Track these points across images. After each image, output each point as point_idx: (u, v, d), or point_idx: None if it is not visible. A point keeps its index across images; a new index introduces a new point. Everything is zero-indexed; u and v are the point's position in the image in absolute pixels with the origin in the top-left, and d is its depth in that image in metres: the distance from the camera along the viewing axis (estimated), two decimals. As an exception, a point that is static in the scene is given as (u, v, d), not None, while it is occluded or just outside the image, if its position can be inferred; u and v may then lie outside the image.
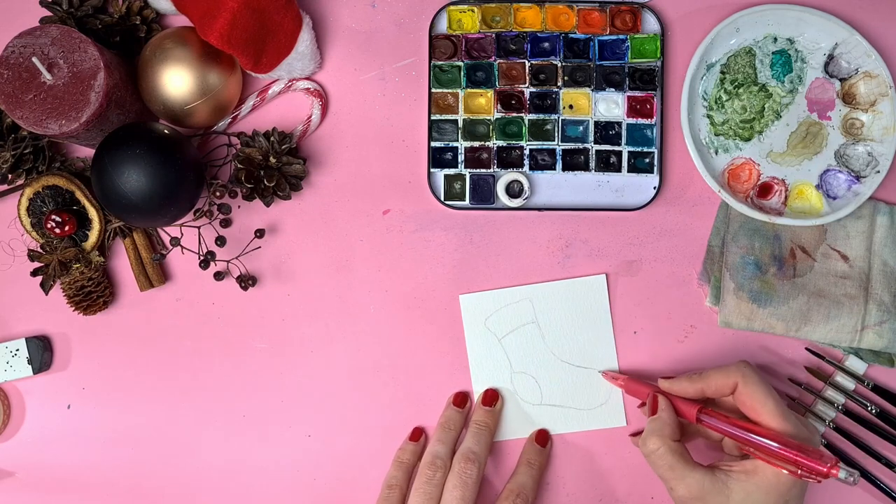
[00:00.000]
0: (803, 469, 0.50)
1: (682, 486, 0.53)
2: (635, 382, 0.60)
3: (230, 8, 0.54)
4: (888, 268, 0.62)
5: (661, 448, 0.54)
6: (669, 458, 0.54)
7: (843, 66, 0.62)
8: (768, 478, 0.52)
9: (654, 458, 0.55)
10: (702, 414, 0.55)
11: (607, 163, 0.63)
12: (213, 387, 0.63)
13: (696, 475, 0.53)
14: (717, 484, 0.53)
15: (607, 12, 0.63)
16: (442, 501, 0.57)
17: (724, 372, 0.56)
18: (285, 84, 0.63)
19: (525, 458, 0.61)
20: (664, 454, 0.54)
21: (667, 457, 0.54)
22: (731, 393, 0.56)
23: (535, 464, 0.61)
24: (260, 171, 0.60)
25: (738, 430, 0.53)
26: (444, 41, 0.63)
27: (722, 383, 0.56)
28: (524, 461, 0.61)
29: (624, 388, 0.61)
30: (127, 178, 0.54)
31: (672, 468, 0.54)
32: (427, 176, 0.63)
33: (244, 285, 0.62)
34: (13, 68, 0.55)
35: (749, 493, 0.52)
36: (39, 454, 0.64)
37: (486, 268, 0.63)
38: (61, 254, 0.60)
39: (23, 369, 0.62)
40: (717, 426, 0.54)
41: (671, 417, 0.56)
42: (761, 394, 0.54)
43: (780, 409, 0.53)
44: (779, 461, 0.51)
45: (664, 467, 0.54)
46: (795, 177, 0.63)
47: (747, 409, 0.54)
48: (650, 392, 0.59)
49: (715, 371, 0.56)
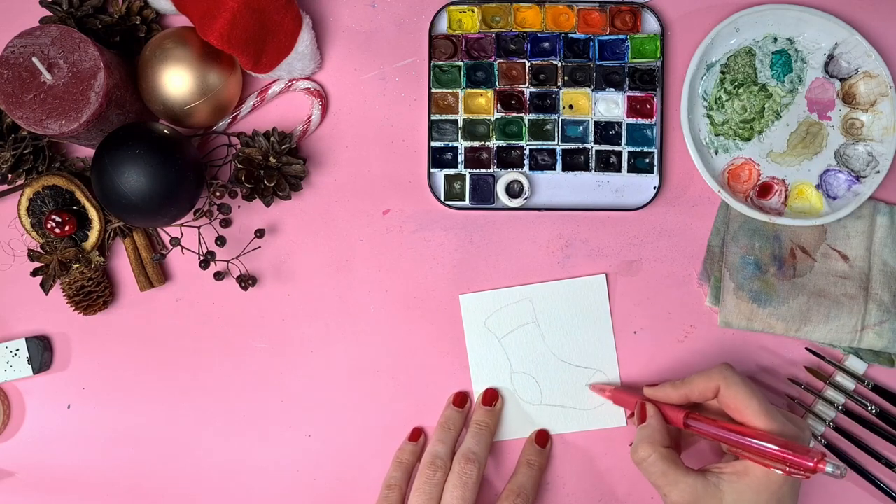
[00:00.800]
0: (791, 465, 0.50)
1: (676, 492, 0.53)
2: (622, 393, 0.61)
3: (230, 8, 0.54)
4: (888, 268, 0.62)
5: (652, 455, 0.55)
6: (661, 465, 0.54)
7: (843, 66, 0.62)
8: (758, 477, 0.52)
9: (646, 466, 0.55)
10: (688, 419, 0.55)
11: (607, 163, 0.63)
12: (213, 387, 0.63)
13: (688, 480, 0.53)
14: (710, 487, 0.53)
15: (607, 12, 0.63)
16: (442, 502, 0.57)
17: (706, 376, 0.56)
18: (285, 84, 0.63)
19: (525, 459, 0.61)
20: (655, 461, 0.54)
21: (658, 464, 0.54)
22: (715, 396, 0.56)
23: (535, 464, 0.61)
24: (260, 171, 0.60)
25: (724, 431, 0.53)
26: (444, 41, 0.63)
27: (704, 387, 0.56)
28: (524, 461, 0.61)
29: (611, 399, 0.61)
30: (127, 178, 0.54)
31: (665, 474, 0.54)
32: (427, 176, 0.63)
33: (244, 285, 0.62)
34: (13, 68, 0.55)
35: (741, 494, 0.52)
36: (39, 454, 0.64)
37: (486, 268, 0.63)
38: (61, 254, 0.60)
39: (23, 369, 0.62)
40: (704, 430, 0.54)
41: (660, 424, 0.56)
42: (744, 395, 0.54)
43: (763, 408, 0.53)
44: (766, 460, 0.51)
45: (656, 474, 0.54)
46: (795, 177, 0.63)
47: (732, 411, 0.54)
48: (637, 401, 0.59)
49: (697, 376, 0.56)
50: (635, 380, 0.63)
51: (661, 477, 0.54)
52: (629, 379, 0.63)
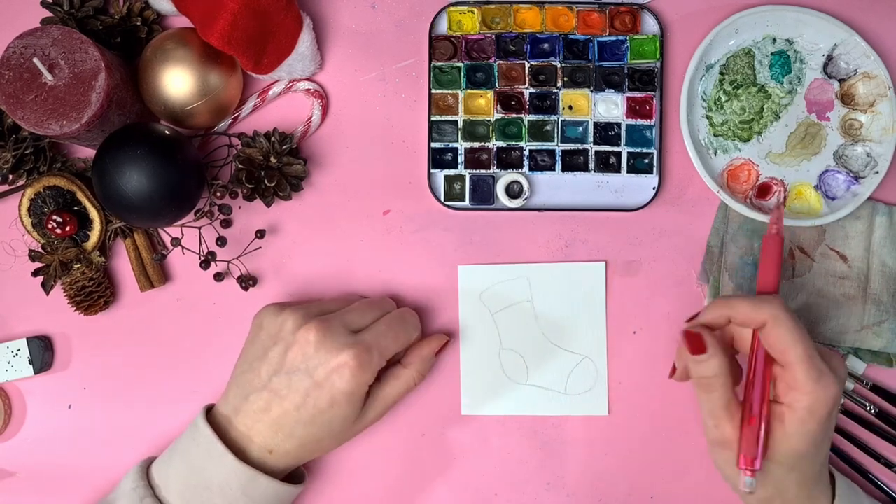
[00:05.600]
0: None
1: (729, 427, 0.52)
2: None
3: (231, 9, 0.55)
4: (887, 268, 0.62)
5: (725, 383, 0.52)
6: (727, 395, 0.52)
7: (842, 67, 0.63)
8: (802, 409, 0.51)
9: (714, 383, 0.52)
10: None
11: (607, 163, 0.63)
12: (213, 387, 0.64)
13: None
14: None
15: (607, 13, 0.63)
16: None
17: (755, 305, 0.52)
18: (286, 85, 0.63)
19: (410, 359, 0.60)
20: (727, 388, 0.52)
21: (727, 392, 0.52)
22: (759, 328, 0.52)
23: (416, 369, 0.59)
24: (260, 172, 0.60)
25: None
26: (444, 42, 0.63)
27: (750, 316, 0.52)
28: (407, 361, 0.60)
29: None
30: (128, 178, 0.55)
31: (728, 406, 0.52)
32: (427, 176, 0.64)
33: (245, 286, 0.62)
34: (14, 69, 0.55)
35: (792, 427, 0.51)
36: (40, 454, 0.64)
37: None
38: (62, 254, 0.60)
39: (24, 369, 0.62)
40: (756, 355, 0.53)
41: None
42: (790, 339, 0.50)
43: (806, 357, 0.50)
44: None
45: (720, 405, 0.52)
46: (794, 177, 0.63)
47: (774, 352, 0.52)
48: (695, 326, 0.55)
49: (744, 301, 0.52)
50: (635, 380, 0.63)
51: (724, 409, 0.52)
52: (626, 377, 0.63)
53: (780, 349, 0.51)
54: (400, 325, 0.58)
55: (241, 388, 0.56)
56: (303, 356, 0.54)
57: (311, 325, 0.55)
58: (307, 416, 0.54)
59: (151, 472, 0.56)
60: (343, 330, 0.55)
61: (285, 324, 0.56)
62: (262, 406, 0.55)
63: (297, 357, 0.54)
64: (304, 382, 0.54)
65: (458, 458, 0.63)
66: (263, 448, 0.55)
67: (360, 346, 0.55)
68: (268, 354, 0.56)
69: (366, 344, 0.55)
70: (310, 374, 0.54)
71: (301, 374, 0.54)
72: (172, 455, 0.56)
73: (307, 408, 0.54)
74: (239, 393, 0.56)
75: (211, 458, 0.54)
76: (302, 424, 0.54)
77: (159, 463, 0.57)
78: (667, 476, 0.63)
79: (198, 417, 0.56)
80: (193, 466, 0.54)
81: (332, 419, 0.55)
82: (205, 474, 0.54)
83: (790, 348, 0.50)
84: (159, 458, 0.57)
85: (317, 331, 0.54)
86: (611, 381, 0.63)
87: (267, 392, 0.55)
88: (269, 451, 0.55)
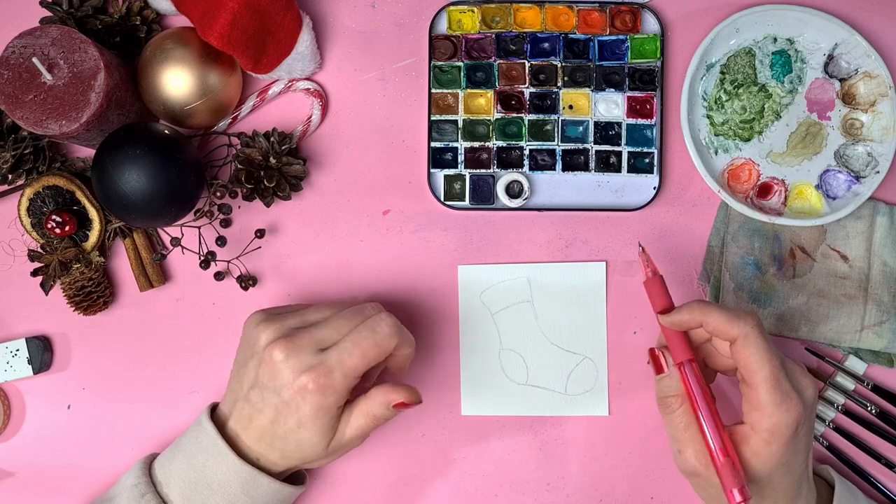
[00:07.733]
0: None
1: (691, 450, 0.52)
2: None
3: (230, 8, 0.54)
4: (888, 268, 0.62)
5: (684, 405, 0.52)
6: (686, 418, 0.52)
7: (843, 67, 0.63)
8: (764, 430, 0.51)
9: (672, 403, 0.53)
10: (687, 365, 0.53)
11: (607, 163, 0.63)
12: (213, 387, 0.63)
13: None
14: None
15: (607, 13, 0.63)
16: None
17: (729, 320, 0.51)
18: (285, 84, 0.63)
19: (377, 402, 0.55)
20: (686, 411, 0.52)
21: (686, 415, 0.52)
22: (731, 342, 0.52)
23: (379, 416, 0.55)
24: (260, 172, 0.60)
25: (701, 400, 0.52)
26: (444, 41, 0.63)
27: (722, 328, 0.52)
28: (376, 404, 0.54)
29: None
30: (127, 178, 0.54)
31: (687, 429, 0.52)
32: (427, 176, 0.63)
33: (244, 285, 0.62)
34: (13, 69, 0.55)
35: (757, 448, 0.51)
36: (39, 454, 0.64)
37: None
38: (61, 254, 0.60)
39: (23, 369, 0.62)
40: (690, 385, 0.53)
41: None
42: (757, 361, 0.51)
43: (770, 380, 0.50)
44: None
45: (680, 427, 0.52)
46: (795, 177, 0.63)
47: (742, 369, 0.52)
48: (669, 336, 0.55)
49: (721, 313, 0.52)
50: (635, 380, 0.63)
51: (684, 431, 0.52)
52: (626, 377, 0.63)
53: (748, 369, 0.51)
54: (369, 339, 0.53)
55: (232, 393, 0.56)
56: (270, 375, 0.53)
57: (277, 343, 0.53)
58: (281, 432, 0.53)
59: (153, 468, 0.56)
60: (310, 349, 0.53)
61: (259, 338, 0.54)
62: (246, 415, 0.54)
63: (265, 375, 0.53)
64: (274, 399, 0.53)
65: (458, 458, 0.63)
66: (252, 454, 0.55)
67: (321, 368, 0.52)
68: (247, 365, 0.55)
69: (327, 366, 0.52)
70: (278, 393, 0.53)
71: (270, 391, 0.53)
72: (175, 452, 0.56)
73: (279, 424, 0.53)
74: (231, 397, 0.56)
75: (213, 457, 0.54)
76: (279, 439, 0.54)
77: (161, 459, 0.57)
78: (667, 476, 0.63)
79: (202, 415, 0.56)
80: (195, 464, 0.54)
81: (301, 440, 0.53)
82: (206, 472, 0.54)
83: (757, 370, 0.50)
84: (162, 455, 0.57)
85: (281, 349, 0.52)
86: (611, 381, 0.63)
87: (247, 404, 0.54)
88: (257, 459, 0.55)
